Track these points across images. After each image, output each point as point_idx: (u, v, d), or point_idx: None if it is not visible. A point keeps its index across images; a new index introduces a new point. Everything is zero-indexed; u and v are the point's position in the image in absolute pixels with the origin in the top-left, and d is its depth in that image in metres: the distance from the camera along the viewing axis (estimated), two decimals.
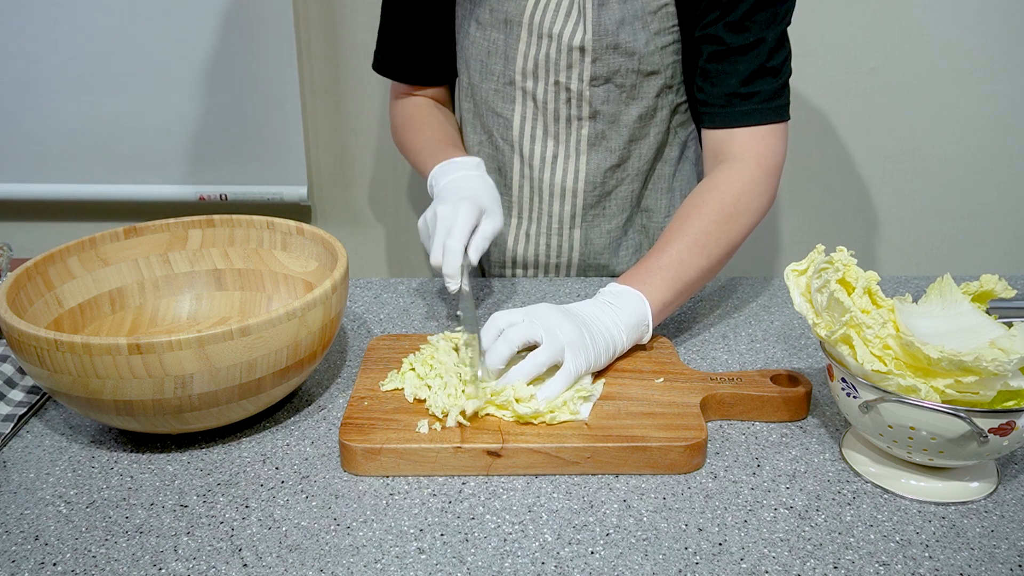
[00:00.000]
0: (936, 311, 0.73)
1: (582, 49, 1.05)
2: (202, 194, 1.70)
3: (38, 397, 0.85)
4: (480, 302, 1.07)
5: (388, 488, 0.73)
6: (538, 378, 0.79)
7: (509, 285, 1.12)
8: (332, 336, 0.82)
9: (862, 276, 0.73)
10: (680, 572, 0.64)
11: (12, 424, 0.80)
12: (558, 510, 0.70)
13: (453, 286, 0.88)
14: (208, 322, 0.94)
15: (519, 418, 0.76)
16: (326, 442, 0.79)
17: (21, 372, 0.87)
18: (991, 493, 0.72)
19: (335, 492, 0.72)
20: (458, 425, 0.75)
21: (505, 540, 0.67)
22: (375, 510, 0.70)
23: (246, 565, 0.64)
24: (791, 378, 0.84)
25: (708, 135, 1.03)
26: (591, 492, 0.72)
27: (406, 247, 1.84)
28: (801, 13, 1.04)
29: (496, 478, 0.74)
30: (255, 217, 0.95)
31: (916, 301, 0.75)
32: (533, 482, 0.73)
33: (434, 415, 0.77)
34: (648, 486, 0.73)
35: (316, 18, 1.62)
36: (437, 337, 0.89)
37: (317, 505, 0.71)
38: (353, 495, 0.72)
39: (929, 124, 1.67)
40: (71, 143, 1.67)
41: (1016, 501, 0.71)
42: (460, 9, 1.12)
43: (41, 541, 0.67)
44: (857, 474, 0.75)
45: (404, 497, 0.72)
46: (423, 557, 0.65)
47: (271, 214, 1.14)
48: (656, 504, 0.71)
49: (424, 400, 0.79)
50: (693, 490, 0.72)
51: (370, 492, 0.72)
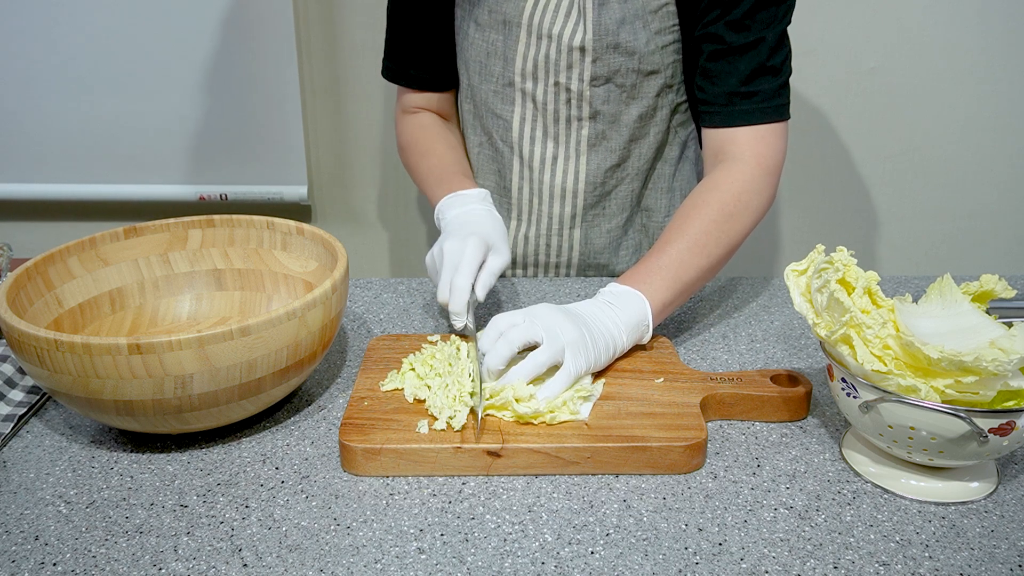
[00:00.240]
0: (936, 311, 0.73)
1: (582, 49, 1.05)
2: (202, 194, 1.70)
3: (38, 397, 0.85)
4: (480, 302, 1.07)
5: (388, 488, 0.73)
6: (538, 378, 0.79)
7: (509, 285, 1.12)
8: (332, 336, 0.82)
9: (862, 276, 0.73)
10: (680, 572, 0.64)
11: (12, 424, 0.80)
12: (558, 510, 0.70)
13: (459, 323, 0.87)
14: (208, 322, 0.94)
15: (519, 418, 0.76)
16: (326, 442, 0.79)
17: (21, 372, 0.87)
18: (991, 493, 0.72)
19: (335, 492, 0.72)
20: (461, 426, 0.75)
21: (505, 540, 0.67)
22: (375, 510, 0.70)
23: (246, 565, 0.64)
24: (791, 378, 0.84)
25: (708, 134, 1.03)
26: (591, 492, 0.72)
27: (406, 247, 1.84)
28: (801, 13, 1.05)
29: (496, 478, 0.74)
30: (255, 217, 0.95)
31: (916, 301, 0.75)
32: (533, 482, 0.73)
33: (433, 416, 0.77)
34: (648, 486, 0.73)
35: (316, 18, 1.62)
36: (438, 339, 0.89)
37: (317, 505, 0.71)
38: (353, 495, 0.72)
39: (929, 124, 1.67)
40: (71, 143, 1.67)
41: (1016, 501, 0.71)
42: (459, 11, 1.12)
43: (41, 541, 0.67)
44: (857, 474, 0.75)
45: (404, 497, 0.72)
46: (423, 557, 0.65)
47: (271, 214, 1.15)
48: (656, 504, 0.71)
49: (424, 400, 0.79)
50: (693, 490, 0.72)
51: (370, 492, 0.72)
